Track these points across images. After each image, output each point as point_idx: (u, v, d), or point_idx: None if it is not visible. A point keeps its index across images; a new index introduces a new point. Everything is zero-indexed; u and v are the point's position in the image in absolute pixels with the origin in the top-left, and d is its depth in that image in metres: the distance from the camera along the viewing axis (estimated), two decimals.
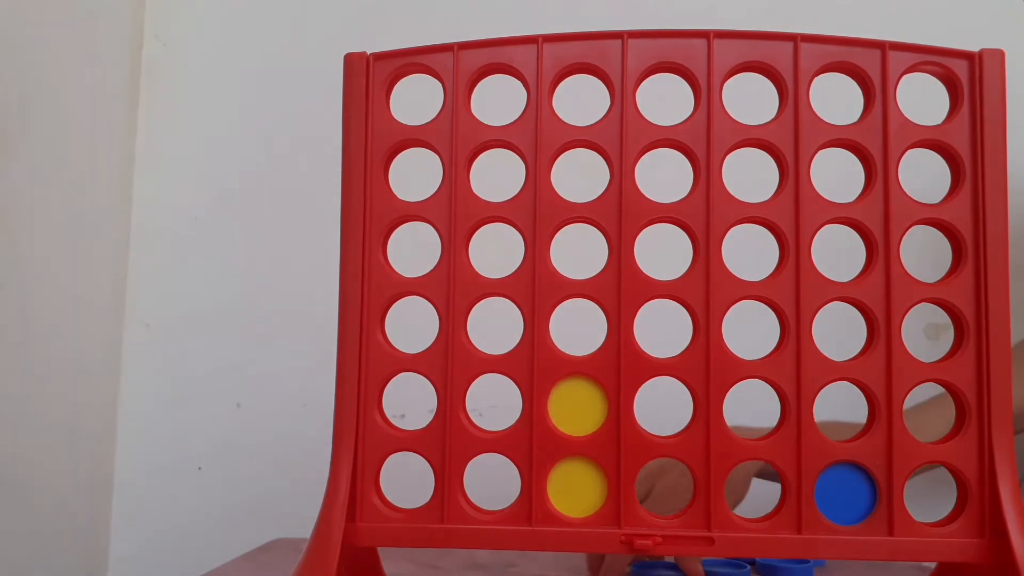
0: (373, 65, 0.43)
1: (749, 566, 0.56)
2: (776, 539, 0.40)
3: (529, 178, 0.42)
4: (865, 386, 0.41)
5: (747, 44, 0.42)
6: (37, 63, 0.77)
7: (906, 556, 0.40)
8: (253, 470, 0.92)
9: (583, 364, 0.42)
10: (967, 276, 0.41)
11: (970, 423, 0.40)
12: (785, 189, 0.42)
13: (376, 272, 0.43)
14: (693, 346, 0.42)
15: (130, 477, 0.93)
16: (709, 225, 0.42)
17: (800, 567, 0.55)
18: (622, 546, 0.41)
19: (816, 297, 0.41)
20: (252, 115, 0.96)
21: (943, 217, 0.41)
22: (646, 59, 0.42)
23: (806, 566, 0.55)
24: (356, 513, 0.41)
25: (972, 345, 0.41)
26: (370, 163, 0.43)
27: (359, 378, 0.42)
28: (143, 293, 0.94)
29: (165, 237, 0.95)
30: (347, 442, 0.41)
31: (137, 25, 0.95)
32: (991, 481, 0.40)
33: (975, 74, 0.41)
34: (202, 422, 0.93)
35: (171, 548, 0.91)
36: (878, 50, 0.42)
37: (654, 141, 0.42)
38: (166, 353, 0.94)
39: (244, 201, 0.95)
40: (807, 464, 0.41)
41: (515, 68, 0.43)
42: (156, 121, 0.96)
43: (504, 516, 0.41)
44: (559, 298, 0.42)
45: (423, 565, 0.58)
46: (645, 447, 0.41)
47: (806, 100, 0.42)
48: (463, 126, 0.43)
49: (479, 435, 0.42)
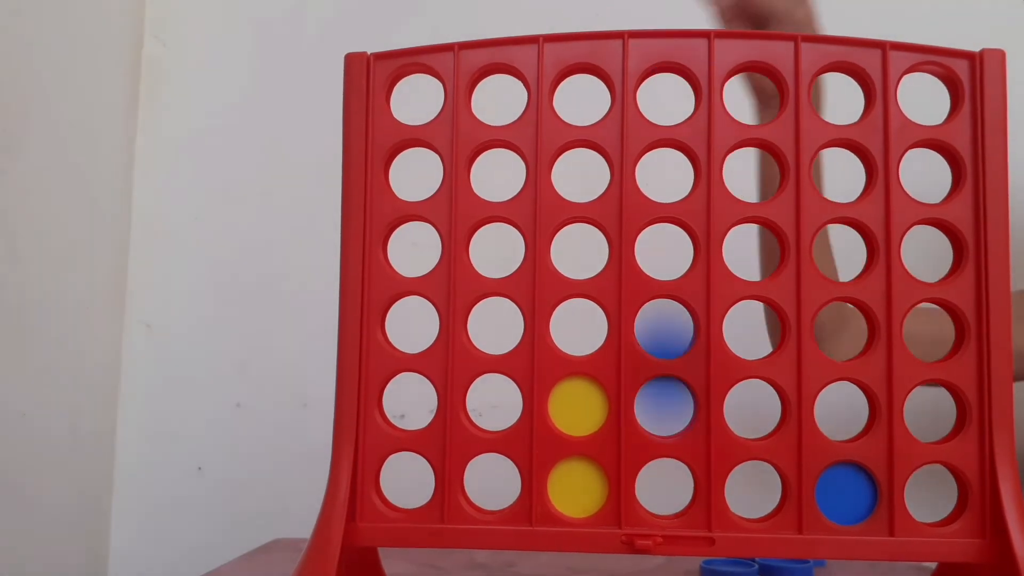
0: (374, 65, 0.43)
1: (756, 565, 0.55)
2: (777, 539, 0.40)
3: (529, 178, 0.42)
4: (865, 386, 0.41)
5: (748, 44, 0.42)
6: (37, 63, 0.77)
7: (907, 556, 0.40)
8: (253, 470, 0.92)
9: (583, 364, 0.42)
10: (968, 276, 0.41)
11: (971, 423, 0.40)
12: (786, 189, 0.42)
13: (376, 272, 0.42)
14: (693, 346, 0.42)
15: (130, 477, 0.93)
16: (710, 225, 0.42)
17: (800, 567, 0.55)
18: (622, 546, 0.41)
19: (816, 297, 0.41)
20: (252, 115, 0.96)
21: (944, 217, 0.41)
22: (647, 59, 0.42)
23: (806, 566, 0.55)
24: (356, 513, 0.41)
25: (973, 345, 0.41)
26: (370, 163, 0.43)
27: (359, 378, 0.42)
28: (143, 293, 0.94)
29: (165, 237, 0.95)
30: (347, 442, 0.41)
31: (137, 25, 0.95)
32: (992, 481, 0.40)
33: (976, 74, 0.41)
34: (202, 422, 0.93)
35: (171, 548, 0.91)
36: (879, 50, 0.42)
37: (655, 141, 0.42)
38: (166, 353, 0.94)
39: (244, 201, 0.95)
40: (807, 464, 0.41)
41: (516, 68, 0.43)
42: (156, 121, 0.96)
43: (504, 516, 0.41)
44: (559, 298, 0.42)
45: (423, 565, 0.58)
46: (645, 447, 0.41)
47: (807, 100, 0.42)
48: (464, 126, 0.43)
49: (479, 435, 0.42)
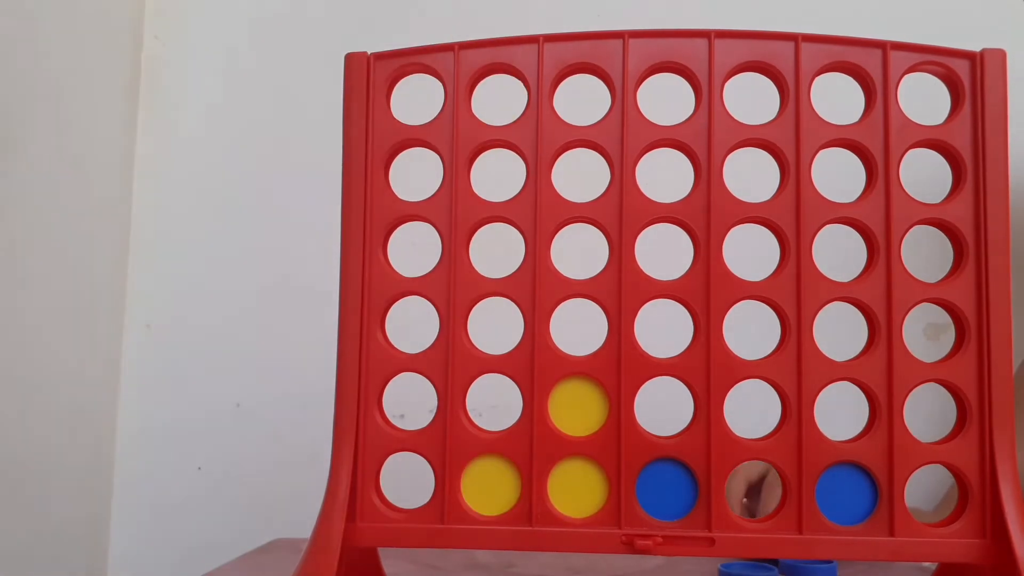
0: (374, 65, 0.43)
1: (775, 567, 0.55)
2: (777, 539, 0.40)
3: (530, 178, 0.42)
4: (866, 386, 0.41)
5: (748, 44, 0.42)
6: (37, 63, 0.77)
7: (907, 557, 0.40)
8: (253, 470, 0.92)
9: (583, 364, 0.42)
10: (968, 276, 0.41)
11: (971, 423, 0.40)
12: (786, 189, 0.42)
13: (376, 272, 0.42)
14: (694, 346, 0.42)
15: (130, 477, 0.93)
16: (710, 225, 0.42)
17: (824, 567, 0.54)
18: (622, 546, 0.41)
19: (817, 297, 0.41)
20: (252, 115, 0.96)
21: (944, 217, 0.41)
22: (647, 59, 0.42)
23: (830, 566, 0.54)
24: (356, 513, 0.41)
25: (973, 345, 0.41)
26: (370, 163, 0.43)
27: (359, 378, 0.42)
28: (143, 293, 0.94)
29: (165, 237, 0.95)
30: (347, 442, 0.41)
31: (137, 25, 0.95)
32: (992, 481, 0.40)
33: (976, 74, 0.41)
34: (202, 422, 0.93)
35: (171, 548, 0.91)
36: (879, 50, 0.42)
37: (655, 141, 0.42)
38: (166, 353, 0.94)
39: (244, 201, 0.95)
40: (808, 464, 0.41)
41: (516, 68, 0.43)
42: (156, 121, 0.96)
43: (504, 516, 0.41)
44: (560, 298, 0.42)
45: (423, 565, 0.58)
46: (645, 447, 0.41)
47: (807, 100, 0.42)
48: (464, 126, 0.43)
49: (479, 435, 0.42)
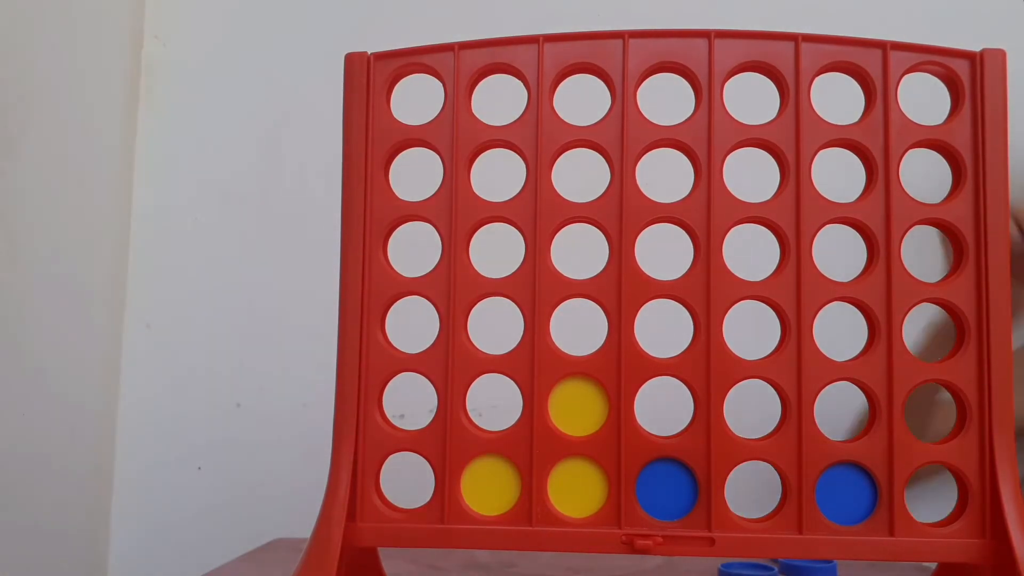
0: (374, 65, 0.43)
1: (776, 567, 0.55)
2: (777, 539, 0.40)
3: (530, 178, 0.42)
4: (866, 386, 0.41)
5: (748, 44, 0.42)
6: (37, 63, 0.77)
7: (907, 556, 0.40)
8: (253, 470, 0.92)
9: (583, 364, 0.42)
10: (968, 276, 0.41)
11: (971, 423, 0.40)
12: (786, 189, 0.42)
13: (376, 272, 0.42)
14: (693, 346, 0.42)
15: (130, 477, 0.93)
16: (710, 225, 0.42)
17: (824, 567, 0.54)
18: (622, 546, 0.41)
19: (817, 297, 0.41)
20: (252, 115, 0.96)
21: (944, 217, 0.41)
22: (647, 59, 0.42)
23: (830, 565, 0.54)
24: (356, 513, 0.41)
25: (973, 345, 0.41)
26: (370, 163, 0.43)
27: (359, 378, 0.42)
28: (143, 293, 0.94)
29: (165, 237, 0.95)
30: (347, 442, 0.41)
31: (137, 25, 0.95)
32: (992, 481, 0.40)
33: (976, 74, 0.41)
34: (202, 422, 0.93)
35: (171, 548, 0.91)
36: (879, 50, 0.42)
37: (655, 141, 0.42)
38: (166, 353, 0.94)
39: (244, 201, 0.95)
40: (808, 464, 0.41)
41: (516, 68, 0.43)
42: (156, 121, 0.96)
43: (504, 516, 0.41)
44: (560, 298, 0.42)
45: (423, 565, 0.58)
46: (645, 447, 0.41)
47: (807, 100, 0.42)
48: (464, 126, 0.43)
49: (479, 435, 0.42)
